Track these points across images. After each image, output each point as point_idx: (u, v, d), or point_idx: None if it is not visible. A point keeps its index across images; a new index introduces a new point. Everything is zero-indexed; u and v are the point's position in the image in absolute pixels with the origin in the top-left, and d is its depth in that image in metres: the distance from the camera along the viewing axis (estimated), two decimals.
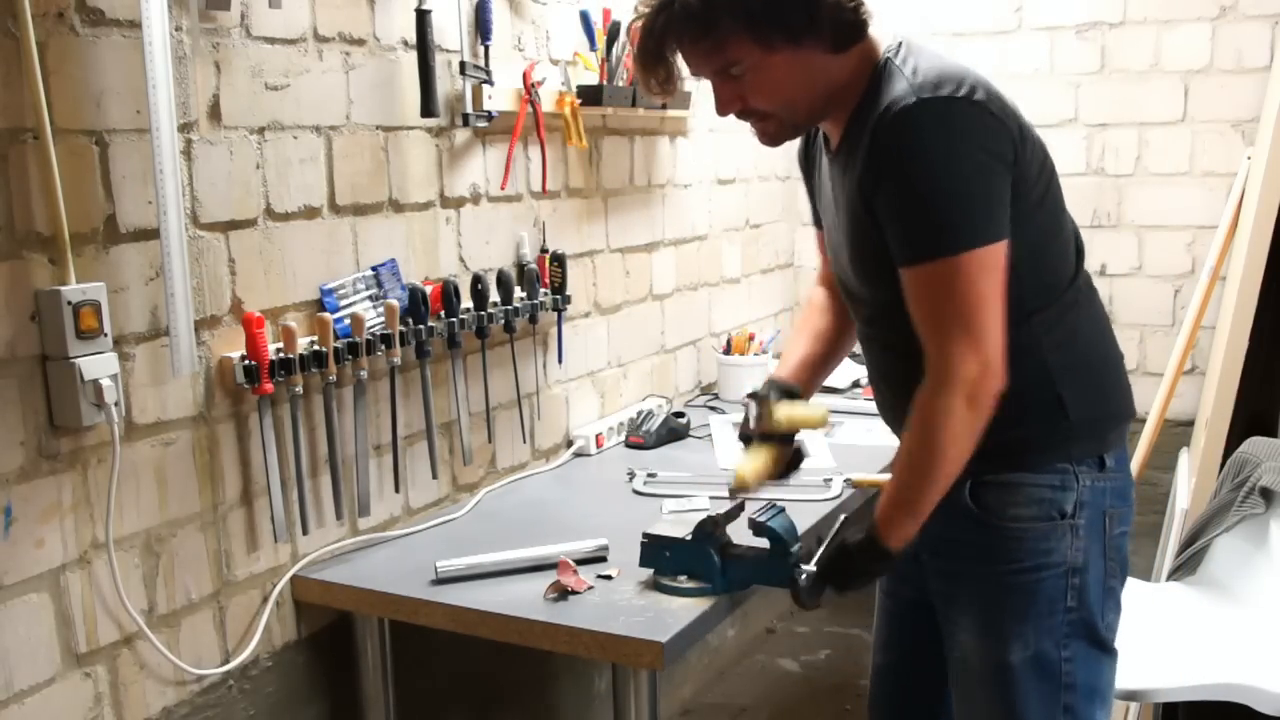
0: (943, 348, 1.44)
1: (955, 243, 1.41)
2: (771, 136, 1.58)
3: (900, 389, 1.55)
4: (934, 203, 1.41)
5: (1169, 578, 2.64)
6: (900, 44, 1.52)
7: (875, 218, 1.48)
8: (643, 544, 1.80)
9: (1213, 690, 2.12)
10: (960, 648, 1.64)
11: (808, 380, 1.82)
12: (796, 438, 1.76)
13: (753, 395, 1.75)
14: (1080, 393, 1.55)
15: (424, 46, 2.01)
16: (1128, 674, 2.17)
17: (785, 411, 1.72)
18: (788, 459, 1.75)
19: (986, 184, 1.42)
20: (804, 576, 1.63)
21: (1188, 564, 2.58)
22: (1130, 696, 2.19)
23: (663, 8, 1.47)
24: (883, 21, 1.55)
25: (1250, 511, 2.45)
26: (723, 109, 1.56)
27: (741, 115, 1.56)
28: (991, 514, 1.56)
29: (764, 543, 1.70)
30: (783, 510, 1.73)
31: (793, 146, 1.73)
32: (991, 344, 1.43)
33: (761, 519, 1.68)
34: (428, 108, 2.03)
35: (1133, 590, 2.56)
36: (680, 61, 1.55)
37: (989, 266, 1.42)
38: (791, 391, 1.76)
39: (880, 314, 1.62)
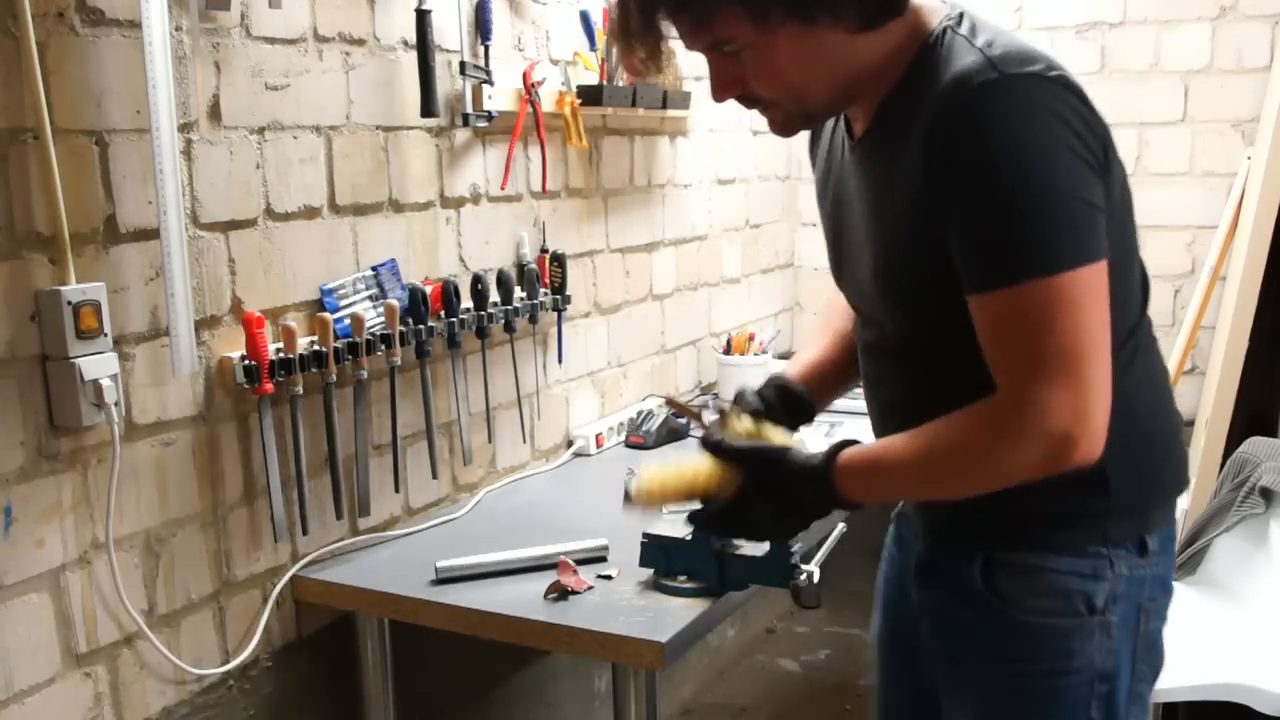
0: (1030, 389, 1.12)
1: (1055, 260, 1.10)
2: (780, 126, 1.29)
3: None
4: (1027, 207, 1.10)
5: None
6: (961, 14, 1.23)
7: (927, 223, 1.17)
8: (643, 544, 1.80)
9: (1213, 690, 2.13)
10: None
11: (821, 384, 1.55)
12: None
13: (739, 395, 1.51)
14: (1128, 467, 1.25)
15: (424, 46, 2.01)
16: None
17: (748, 427, 1.41)
18: (734, 484, 1.37)
19: (1085, 185, 1.12)
20: (804, 576, 1.63)
21: (1188, 564, 2.58)
22: None
23: None
24: None
25: (1250, 511, 2.45)
26: (718, 93, 1.25)
27: (742, 101, 1.27)
28: (1007, 602, 1.28)
29: (764, 542, 1.70)
30: None
31: (798, 142, 1.55)
32: (1097, 395, 1.13)
33: None
34: (428, 108, 2.03)
35: None
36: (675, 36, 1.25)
37: (1094, 290, 1.12)
38: (794, 395, 1.51)
39: (897, 352, 1.33)
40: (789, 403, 1.52)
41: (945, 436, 1.20)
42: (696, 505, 1.43)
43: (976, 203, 1.13)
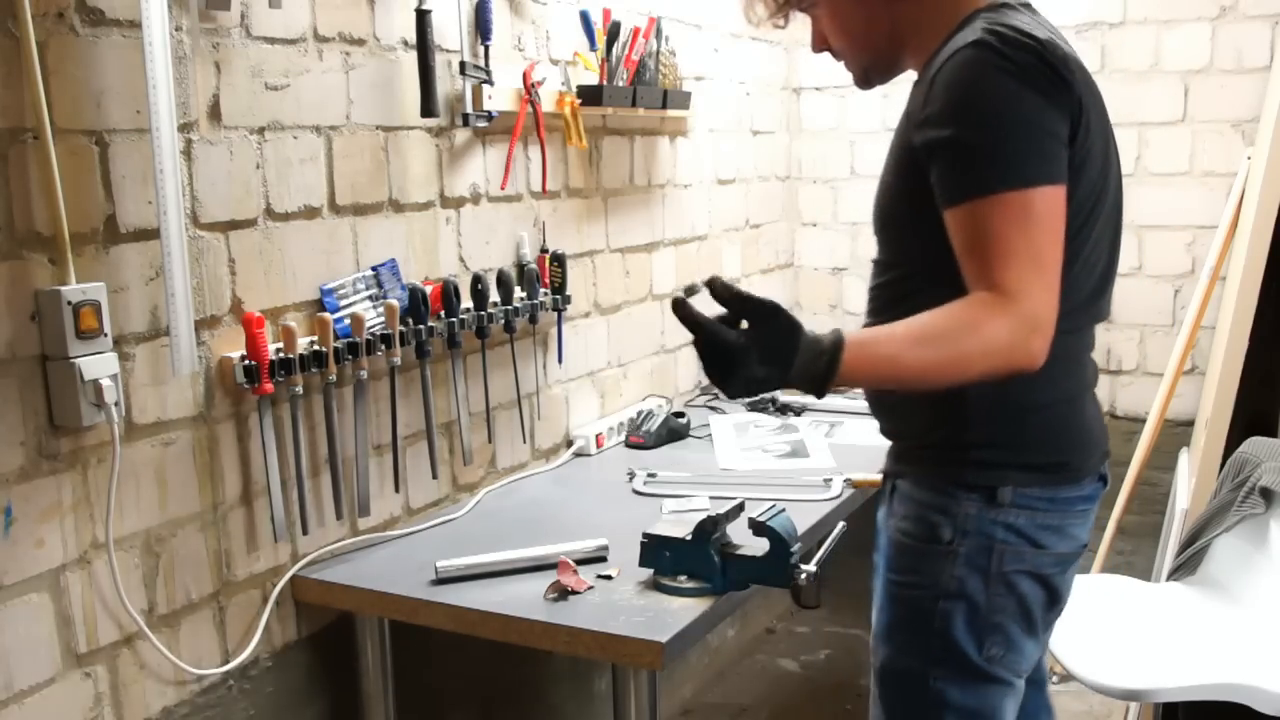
0: (1008, 277, 1.26)
1: (1022, 176, 1.27)
2: (855, 78, 1.60)
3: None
4: (1000, 130, 1.29)
5: (1169, 578, 2.64)
6: (1003, 3, 1.42)
7: (914, 159, 1.37)
8: (643, 544, 1.80)
9: (1213, 690, 2.12)
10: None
11: None
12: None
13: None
14: (984, 412, 1.42)
15: (424, 46, 2.01)
16: (1128, 674, 2.18)
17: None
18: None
19: (1046, 118, 1.29)
20: (804, 576, 1.63)
21: (1188, 564, 2.58)
22: (1130, 696, 2.19)
23: None
24: None
25: (1250, 511, 2.45)
26: (814, 46, 1.60)
27: (831, 53, 1.59)
28: (893, 518, 1.54)
29: (764, 543, 1.70)
30: (783, 510, 1.73)
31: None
32: (1054, 298, 1.28)
33: (762, 519, 1.69)
34: (428, 108, 2.03)
35: (1133, 590, 2.57)
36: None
37: (1054, 210, 1.29)
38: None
39: (892, 279, 1.50)
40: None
41: (934, 315, 1.30)
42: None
43: (956, 125, 1.31)
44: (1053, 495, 1.46)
